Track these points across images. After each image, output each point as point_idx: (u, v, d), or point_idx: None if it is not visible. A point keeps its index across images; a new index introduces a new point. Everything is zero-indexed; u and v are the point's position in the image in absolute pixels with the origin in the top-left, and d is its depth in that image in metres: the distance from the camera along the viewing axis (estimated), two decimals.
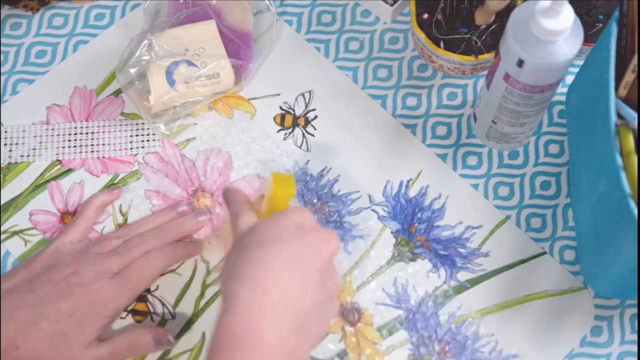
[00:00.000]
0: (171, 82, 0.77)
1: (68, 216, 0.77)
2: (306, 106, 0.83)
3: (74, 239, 0.73)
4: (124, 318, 0.73)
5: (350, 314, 0.74)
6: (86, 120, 0.81)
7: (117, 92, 0.83)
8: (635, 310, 0.75)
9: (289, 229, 0.61)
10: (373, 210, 0.78)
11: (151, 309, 0.74)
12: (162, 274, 0.74)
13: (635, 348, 0.73)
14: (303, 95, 0.83)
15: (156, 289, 0.74)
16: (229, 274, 0.59)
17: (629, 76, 0.68)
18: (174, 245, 0.73)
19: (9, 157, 0.79)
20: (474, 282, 0.75)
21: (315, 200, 0.78)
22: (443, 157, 0.81)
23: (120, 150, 0.80)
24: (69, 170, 0.79)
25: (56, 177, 0.79)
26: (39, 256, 0.70)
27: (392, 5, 0.85)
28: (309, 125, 0.82)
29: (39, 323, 0.65)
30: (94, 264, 0.69)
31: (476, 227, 0.77)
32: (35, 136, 0.80)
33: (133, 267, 0.70)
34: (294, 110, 0.82)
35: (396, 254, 0.76)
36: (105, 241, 0.72)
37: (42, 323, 0.65)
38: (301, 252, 0.60)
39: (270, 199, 0.66)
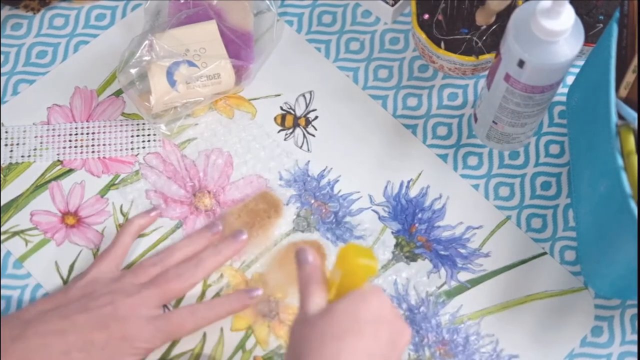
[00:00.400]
0: (172, 83, 0.77)
1: (69, 216, 0.77)
2: (307, 106, 0.83)
3: (111, 267, 0.72)
4: None
5: None
6: (87, 121, 0.81)
7: (118, 93, 0.83)
8: (636, 310, 0.75)
9: (367, 321, 0.57)
10: (373, 211, 0.78)
11: None
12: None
13: (635, 348, 0.73)
14: (303, 95, 0.83)
15: None
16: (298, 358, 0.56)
17: (630, 76, 0.68)
18: (224, 299, 0.72)
19: (10, 157, 0.79)
20: (474, 282, 0.75)
21: (315, 201, 0.78)
22: (444, 157, 0.81)
23: (121, 150, 0.80)
24: (70, 171, 0.79)
25: (57, 178, 0.79)
26: (76, 284, 0.70)
27: (392, 5, 0.85)
28: (309, 126, 0.82)
29: (71, 353, 0.65)
30: (131, 294, 0.68)
31: (477, 228, 0.77)
32: (36, 136, 0.80)
33: (178, 314, 0.69)
34: (294, 110, 0.82)
35: (397, 255, 0.76)
36: (141, 270, 0.71)
37: (74, 353, 0.65)
38: (379, 348, 0.57)
39: (348, 274, 0.59)
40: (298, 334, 0.57)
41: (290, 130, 0.81)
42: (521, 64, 0.68)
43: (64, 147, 0.80)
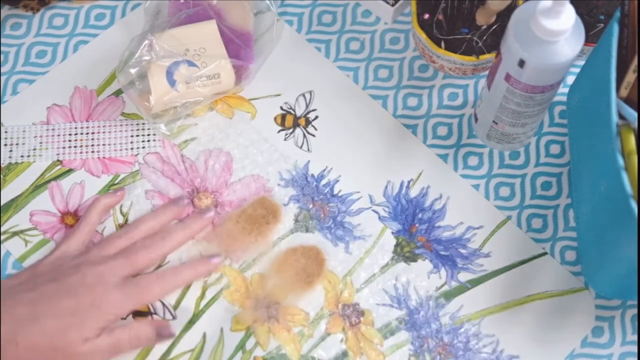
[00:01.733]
0: (172, 83, 0.77)
1: (68, 216, 0.77)
2: (307, 106, 0.83)
3: (78, 244, 0.73)
4: (124, 318, 0.73)
5: (351, 315, 0.74)
6: (86, 121, 0.81)
7: (118, 93, 0.82)
8: (637, 310, 0.75)
9: None
10: (374, 211, 0.78)
11: (152, 310, 0.73)
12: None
13: (636, 349, 0.73)
14: (304, 95, 0.83)
15: None
16: None
17: (630, 76, 0.68)
18: (189, 264, 0.73)
19: (9, 157, 0.79)
20: (474, 282, 0.75)
21: (315, 201, 0.78)
22: (444, 157, 0.81)
23: (120, 150, 0.80)
24: (70, 171, 0.79)
25: (56, 178, 0.79)
26: (44, 261, 0.71)
27: (392, 5, 0.85)
28: (309, 126, 0.82)
29: (39, 319, 0.65)
30: (98, 264, 0.69)
31: (477, 228, 0.77)
32: (35, 136, 0.80)
33: (145, 279, 0.70)
34: (294, 110, 0.82)
35: (397, 255, 0.76)
36: (107, 243, 0.72)
37: (43, 319, 0.65)
38: None
39: None
40: None
41: (290, 130, 0.81)
42: (522, 63, 0.68)
43: (64, 147, 0.80)
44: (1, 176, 0.78)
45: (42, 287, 0.67)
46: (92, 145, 0.80)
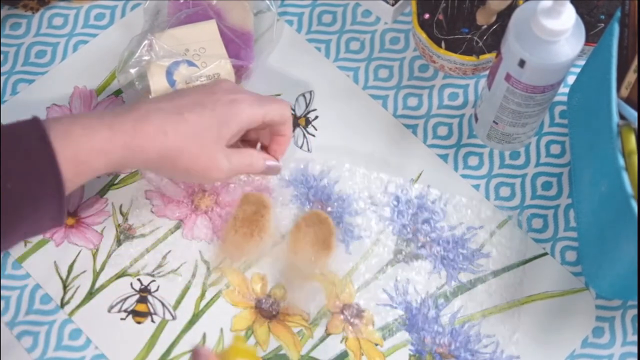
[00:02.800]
0: (171, 83, 0.77)
1: (68, 217, 0.77)
2: (307, 106, 0.82)
3: None
4: (124, 319, 0.73)
5: (351, 315, 0.73)
6: None
7: (117, 93, 0.82)
8: (637, 311, 0.75)
9: None
10: (374, 211, 0.78)
11: (152, 310, 0.73)
12: None
13: (636, 349, 0.73)
14: (304, 95, 0.83)
15: (156, 290, 0.74)
16: None
17: (631, 76, 0.68)
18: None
19: None
20: (475, 282, 0.75)
21: (316, 201, 0.78)
22: (444, 157, 0.80)
23: None
24: None
25: None
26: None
27: (393, 5, 0.85)
28: (309, 126, 0.82)
29: (184, 115, 0.67)
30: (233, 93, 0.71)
31: (477, 228, 0.77)
32: None
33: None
34: (294, 110, 0.82)
35: (397, 255, 0.76)
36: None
37: (188, 115, 0.67)
38: None
39: None
40: None
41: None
42: (522, 63, 0.68)
43: None
44: None
45: (185, 97, 0.69)
46: None
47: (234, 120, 0.69)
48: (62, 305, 0.74)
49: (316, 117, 0.82)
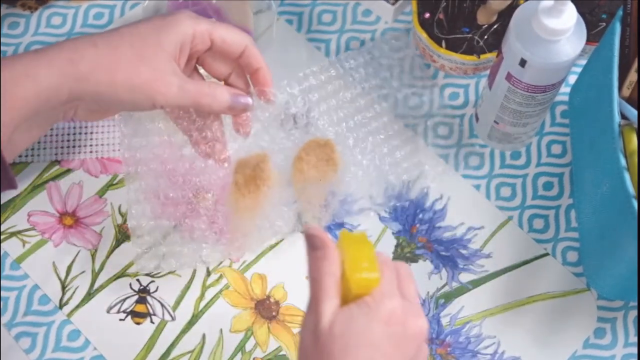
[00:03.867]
0: None
1: (67, 217, 0.77)
2: (307, 106, 0.82)
3: None
4: (123, 320, 0.73)
5: None
6: (85, 120, 0.81)
7: None
8: (638, 312, 0.75)
9: (383, 338, 0.53)
10: (374, 211, 0.78)
11: (151, 311, 0.73)
12: None
13: (638, 350, 0.73)
14: (304, 95, 0.83)
15: (156, 290, 0.74)
16: None
17: (633, 76, 0.68)
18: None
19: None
20: (475, 283, 0.75)
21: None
22: (445, 157, 0.80)
23: (119, 150, 0.79)
24: (68, 171, 0.79)
25: (55, 178, 0.78)
26: None
27: (393, 4, 0.84)
28: (309, 126, 0.81)
29: (117, 29, 0.63)
30: None
31: (478, 228, 0.77)
32: None
33: None
34: (294, 110, 0.82)
35: (397, 255, 0.76)
36: None
37: (121, 28, 0.63)
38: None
39: (347, 281, 0.55)
40: (310, 357, 0.54)
41: (290, 130, 0.81)
42: (523, 63, 0.68)
43: (62, 147, 0.79)
44: None
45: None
46: (91, 145, 0.80)
47: (174, 27, 0.64)
48: (61, 306, 0.73)
49: (316, 117, 0.82)
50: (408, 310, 0.55)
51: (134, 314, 0.73)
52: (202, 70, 0.72)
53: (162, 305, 0.74)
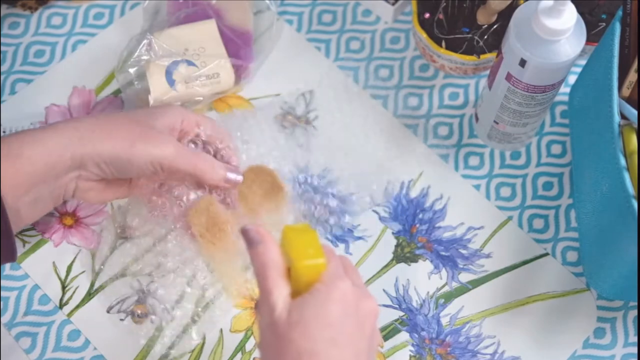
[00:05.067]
0: (171, 82, 0.77)
1: (67, 217, 0.77)
2: (307, 106, 0.82)
3: None
4: (123, 320, 0.73)
5: None
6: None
7: (117, 92, 0.82)
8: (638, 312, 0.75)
9: (340, 317, 0.55)
10: (374, 211, 0.78)
11: (151, 311, 0.73)
12: None
13: (638, 350, 0.73)
14: (303, 95, 0.83)
15: (156, 290, 0.74)
16: None
17: (632, 76, 0.68)
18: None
19: None
20: (475, 283, 0.75)
21: (315, 201, 0.77)
22: (444, 157, 0.80)
23: None
24: None
25: None
26: None
27: (393, 4, 0.84)
28: (309, 126, 0.81)
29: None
30: None
31: (478, 228, 0.77)
32: None
33: None
34: (294, 110, 0.82)
35: (397, 255, 0.76)
36: None
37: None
38: (359, 344, 0.56)
39: (295, 271, 0.56)
40: (272, 348, 0.56)
41: (290, 130, 0.81)
42: (523, 63, 0.68)
43: None
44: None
45: None
46: None
47: (166, 111, 0.70)
48: (61, 305, 0.73)
49: (316, 117, 0.82)
50: (358, 292, 0.57)
51: (134, 314, 0.73)
52: None
53: (162, 305, 0.73)
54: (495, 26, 0.80)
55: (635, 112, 0.67)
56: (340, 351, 0.55)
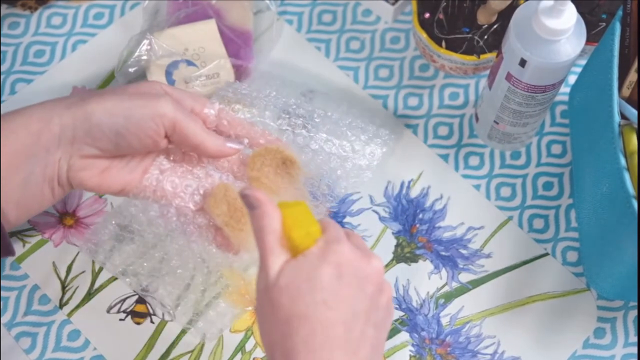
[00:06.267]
0: (171, 82, 0.77)
1: (67, 217, 0.77)
2: (306, 106, 0.82)
3: None
4: (123, 320, 0.73)
5: None
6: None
7: None
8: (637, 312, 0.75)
9: (334, 280, 0.54)
10: (374, 211, 0.78)
11: (151, 311, 0.73)
12: None
13: (638, 350, 0.73)
14: (303, 95, 0.83)
15: (156, 290, 0.74)
16: (271, 345, 0.55)
17: (633, 76, 0.68)
18: None
19: None
20: (475, 283, 0.75)
21: (315, 201, 0.77)
22: (445, 157, 0.80)
23: None
24: None
25: None
26: None
27: (393, 4, 0.84)
28: (309, 126, 0.81)
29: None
30: None
31: (478, 228, 0.77)
32: None
33: None
34: (294, 110, 0.82)
35: (397, 255, 0.76)
36: None
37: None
38: (354, 306, 0.55)
39: (292, 241, 0.56)
40: (265, 314, 0.55)
41: (290, 130, 0.81)
42: (523, 63, 0.68)
43: None
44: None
45: None
46: None
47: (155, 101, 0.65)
48: (61, 305, 0.73)
49: (316, 117, 0.81)
50: (358, 252, 0.56)
51: (134, 314, 0.73)
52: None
53: (162, 305, 0.73)
54: (495, 26, 0.80)
55: (635, 112, 0.66)
56: (334, 313, 0.54)
